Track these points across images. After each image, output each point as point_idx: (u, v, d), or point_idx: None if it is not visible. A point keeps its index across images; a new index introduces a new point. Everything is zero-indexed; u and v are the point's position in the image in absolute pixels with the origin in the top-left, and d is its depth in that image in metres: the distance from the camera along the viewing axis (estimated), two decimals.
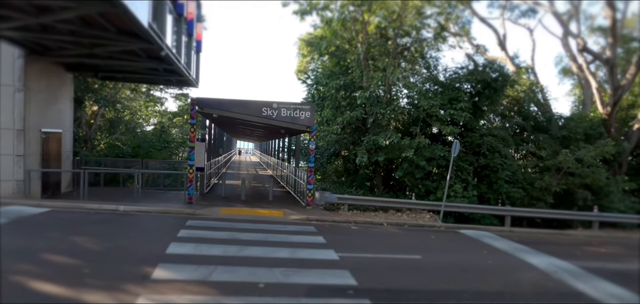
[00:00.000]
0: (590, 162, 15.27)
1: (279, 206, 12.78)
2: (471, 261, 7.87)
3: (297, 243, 8.14)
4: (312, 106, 11.89)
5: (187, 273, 5.69)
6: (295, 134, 15.29)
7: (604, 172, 15.33)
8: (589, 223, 14.38)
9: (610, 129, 17.50)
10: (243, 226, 9.30)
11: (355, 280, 5.92)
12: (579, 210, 15.21)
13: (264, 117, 11.42)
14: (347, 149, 16.93)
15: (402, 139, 13.20)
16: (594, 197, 15.54)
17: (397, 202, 13.22)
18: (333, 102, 15.35)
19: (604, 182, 15.54)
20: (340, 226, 10.72)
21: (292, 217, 11.01)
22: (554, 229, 14.01)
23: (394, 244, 9.19)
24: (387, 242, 9.33)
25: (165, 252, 6.66)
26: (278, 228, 9.55)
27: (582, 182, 15.34)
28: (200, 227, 8.87)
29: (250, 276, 5.79)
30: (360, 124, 16.13)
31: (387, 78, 14.40)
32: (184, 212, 10.54)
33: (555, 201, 15.77)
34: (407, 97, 14.80)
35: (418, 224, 11.91)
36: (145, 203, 11.06)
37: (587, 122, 16.81)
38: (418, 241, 9.73)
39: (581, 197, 15.48)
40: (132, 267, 5.79)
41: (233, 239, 7.93)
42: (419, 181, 14.86)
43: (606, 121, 17.44)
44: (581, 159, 15.03)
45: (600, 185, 15.59)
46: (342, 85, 14.98)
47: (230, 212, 11.00)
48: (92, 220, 8.94)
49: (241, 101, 11.44)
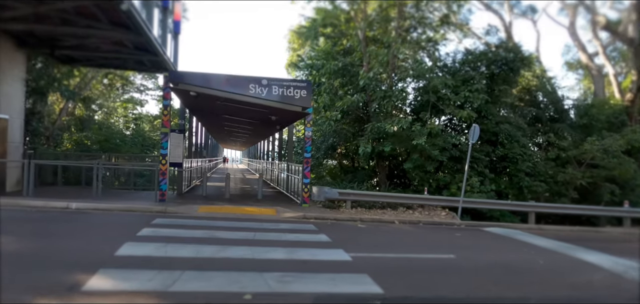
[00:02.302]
0: (616, 153, 13.98)
1: (269, 204, 11.08)
2: (518, 261, 6.31)
3: (295, 241, 6.47)
4: (309, 84, 10.28)
5: (138, 282, 3.98)
6: (288, 122, 13.62)
7: (633, 164, 14.05)
8: (618, 220, 13.07)
9: (632, 117, 16.30)
10: (226, 224, 7.59)
11: (380, 287, 4.29)
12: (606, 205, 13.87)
13: (252, 96, 9.75)
14: (346, 141, 15.30)
15: (412, 124, 11.64)
16: (620, 191, 14.24)
17: (408, 198, 11.64)
18: (330, 88, 13.75)
19: (631, 175, 14.26)
20: (345, 224, 9.08)
21: (286, 215, 9.34)
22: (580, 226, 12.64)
23: (414, 242, 7.60)
24: (406, 240, 7.73)
25: (114, 254, 4.92)
26: (270, 226, 7.86)
27: (609, 174, 14.02)
28: (170, 225, 7.13)
29: (232, 283, 4.11)
30: (361, 113, 14.57)
31: (391, 57, 12.89)
32: (152, 210, 8.77)
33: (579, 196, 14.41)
34: (414, 78, 13.26)
35: (434, 222, 10.36)
36: (106, 201, 9.25)
37: (609, 109, 15.58)
38: (442, 239, 8.15)
39: (607, 191, 14.14)
40: (62, 274, 4.06)
41: (211, 239, 6.22)
42: (430, 175, 13.32)
43: (628, 108, 16.25)
44: (606, 149, 13.72)
45: (627, 178, 14.30)
46: (341, 68, 13.42)
47: (212, 210, 9.27)
48: (31, 218, 7.13)
49: (225, 75, 9.78)
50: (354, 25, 14.59)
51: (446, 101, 12.37)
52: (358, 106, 13.85)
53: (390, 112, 12.85)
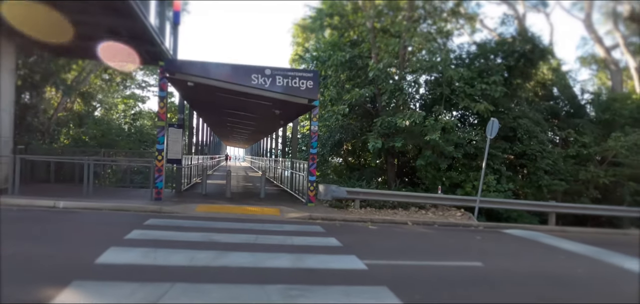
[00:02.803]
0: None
1: (273, 203, 10.43)
2: (555, 270, 5.61)
3: (302, 246, 5.81)
4: (316, 74, 9.58)
5: (115, 297, 3.32)
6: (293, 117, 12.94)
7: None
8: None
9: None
10: (225, 226, 6.94)
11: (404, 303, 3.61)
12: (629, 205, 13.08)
13: (254, 87, 9.08)
14: (354, 137, 14.59)
15: (425, 118, 10.91)
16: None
17: (421, 197, 10.93)
18: (337, 81, 13.03)
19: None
20: (355, 225, 8.41)
21: (290, 216, 8.68)
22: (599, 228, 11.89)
23: (433, 246, 6.91)
24: (423, 244, 7.05)
25: (95, 262, 4.27)
26: (273, 227, 7.20)
27: (634, 173, 13.22)
28: (163, 227, 6.49)
29: (229, 299, 3.45)
30: (369, 108, 13.85)
31: (402, 47, 12.16)
32: (146, 209, 8.14)
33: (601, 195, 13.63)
34: (426, 70, 12.43)
35: (450, 223, 9.66)
36: (97, 199, 8.64)
37: (632, 104, 14.76)
38: (462, 242, 7.45)
39: (629, 191, 13.34)
40: (27, 287, 3.43)
41: (208, 242, 5.57)
42: (442, 173, 12.60)
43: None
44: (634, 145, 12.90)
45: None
46: (348, 60, 12.70)
47: (210, 210, 8.63)
48: (10, 218, 6.51)
49: (225, 64, 9.11)
50: (361, 14, 13.87)
51: (461, 94, 11.63)
52: (366, 100, 13.13)
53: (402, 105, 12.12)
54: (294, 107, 10.27)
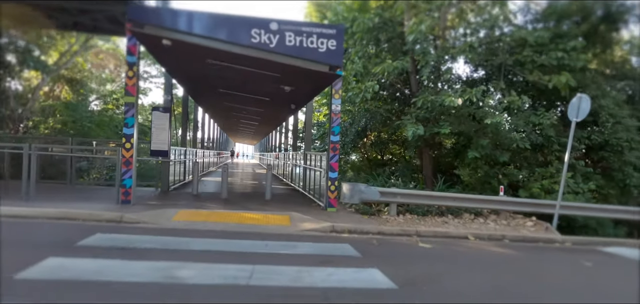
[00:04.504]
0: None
1: (281, 208, 8.03)
2: None
3: (330, 290, 3.39)
4: (341, 30, 7.09)
5: None
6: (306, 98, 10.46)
7: None
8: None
9: None
10: (205, 247, 4.58)
11: None
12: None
13: (256, 47, 6.66)
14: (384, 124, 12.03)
15: (485, 94, 8.34)
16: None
17: (478, 200, 8.37)
18: (363, 51, 10.49)
19: None
20: (398, 242, 5.96)
21: (305, 227, 6.28)
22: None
23: (535, 284, 4.38)
24: (517, 278, 4.54)
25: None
26: (280, 249, 4.81)
27: None
28: (107, 248, 4.16)
29: None
30: (402, 87, 11.31)
31: (446, 7, 9.59)
32: (102, 217, 5.84)
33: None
34: (483, 28, 9.72)
35: (524, 238, 7.13)
36: (39, 203, 6.39)
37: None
38: (570, 272, 4.96)
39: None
40: None
41: (166, 286, 3.19)
42: (498, 169, 10.02)
43: None
44: None
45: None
46: (377, 25, 10.20)
47: (194, 218, 6.29)
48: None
49: (215, 14, 6.72)
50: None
51: (528, 64, 9.00)
52: (399, 78, 10.60)
53: (446, 83, 9.55)
54: (310, 79, 7.83)
